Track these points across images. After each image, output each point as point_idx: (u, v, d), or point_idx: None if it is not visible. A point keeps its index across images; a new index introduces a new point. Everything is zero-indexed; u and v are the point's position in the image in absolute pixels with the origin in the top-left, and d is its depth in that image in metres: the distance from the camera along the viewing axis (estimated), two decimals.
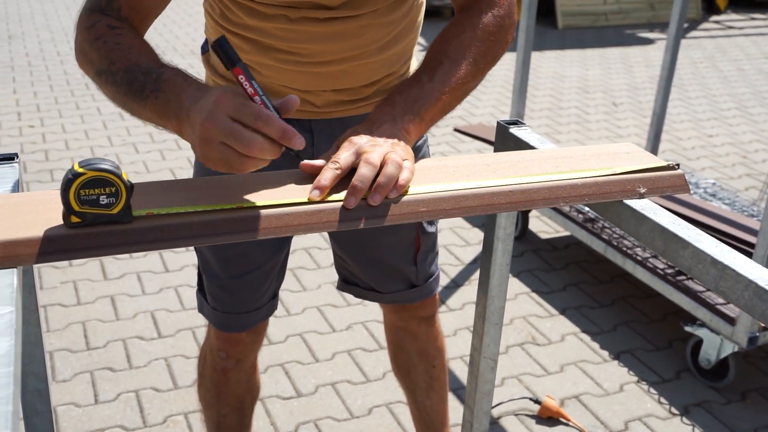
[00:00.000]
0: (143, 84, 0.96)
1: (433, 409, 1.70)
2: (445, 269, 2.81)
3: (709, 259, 0.82)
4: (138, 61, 0.98)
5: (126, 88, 0.97)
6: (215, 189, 0.97)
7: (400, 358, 1.67)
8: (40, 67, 5.01)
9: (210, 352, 1.52)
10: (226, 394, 1.55)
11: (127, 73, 0.97)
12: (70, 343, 2.29)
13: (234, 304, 1.40)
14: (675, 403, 2.17)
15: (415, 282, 1.50)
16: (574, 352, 2.38)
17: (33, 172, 3.45)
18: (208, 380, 1.56)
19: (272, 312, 1.48)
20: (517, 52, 2.82)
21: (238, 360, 1.50)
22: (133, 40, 1.02)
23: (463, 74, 1.07)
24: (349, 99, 1.28)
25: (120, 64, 0.98)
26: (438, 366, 1.66)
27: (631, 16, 7.17)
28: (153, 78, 0.95)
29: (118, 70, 0.98)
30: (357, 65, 1.24)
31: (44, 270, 2.65)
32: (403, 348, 1.65)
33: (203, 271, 1.42)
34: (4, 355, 0.67)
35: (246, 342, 1.48)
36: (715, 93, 5.19)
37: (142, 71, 0.97)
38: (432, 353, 1.65)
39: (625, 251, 2.53)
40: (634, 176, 0.99)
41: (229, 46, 0.90)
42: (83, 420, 2.00)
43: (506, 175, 1.01)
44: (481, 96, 4.89)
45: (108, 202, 0.85)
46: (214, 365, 1.52)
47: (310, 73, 1.22)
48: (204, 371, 1.56)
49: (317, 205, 0.93)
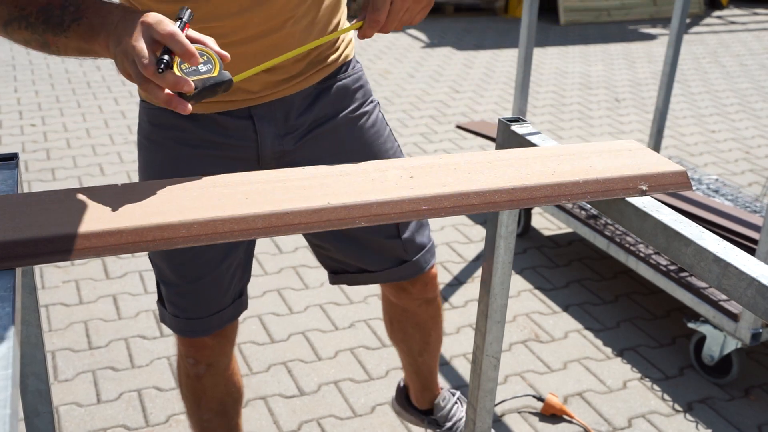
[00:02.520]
0: (61, 17, 1.02)
1: (424, 364, 1.76)
2: (448, 266, 2.81)
3: (711, 257, 0.81)
4: (49, 1, 1.03)
5: (44, 27, 1.03)
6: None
7: (395, 329, 1.69)
8: (42, 65, 5.01)
9: (182, 359, 1.50)
10: (204, 399, 1.53)
11: (42, 13, 1.03)
12: (72, 343, 2.30)
13: (195, 308, 1.37)
14: (678, 400, 2.16)
15: (404, 257, 1.46)
16: (577, 349, 2.37)
17: (34, 170, 3.45)
18: (185, 388, 1.54)
19: (239, 312, 1.45)
20: (520, 48, 2.81)
21: (208, 364, 1.47)
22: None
23: None
24: (283, 78, 1.26)
25: (31, 8, 1.03)
26: (433, 335, 1.69)
27: (634, 11, 7.15)
28: (71, 10, 1.02)
29: (31, 13, 1.03)
30: (281, 37, 1.21)
31: (46, 269, 2.65)
32: (399, 322, 1.67)
33: (160, 280, 1.40)
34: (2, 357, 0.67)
35: (211, 346, 1.44)
36: (718, 88, 5.18)
37: (57, 6, 1.02)
38: (429, 326, 1.66)
39: (628, 248, 2.52)
40: (636, 173, 0.98)
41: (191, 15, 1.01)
42: (86, 419, 2.00)
43: (508, 172, 1.00)
44: (483, 92, 4.88)
45: (207, 69, 0.97)
46: (187, 372, 1.49)
47: (235, 54, 1.16)
48: (180, 379, 1.54)
49: (317, 204, 0.93)
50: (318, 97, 1.32)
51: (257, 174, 1.02)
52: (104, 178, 3.40)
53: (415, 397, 1.85)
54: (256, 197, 0.95)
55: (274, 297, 2.56)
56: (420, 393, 1.83)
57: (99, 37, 1.00)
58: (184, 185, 0.97)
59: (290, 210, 0.94)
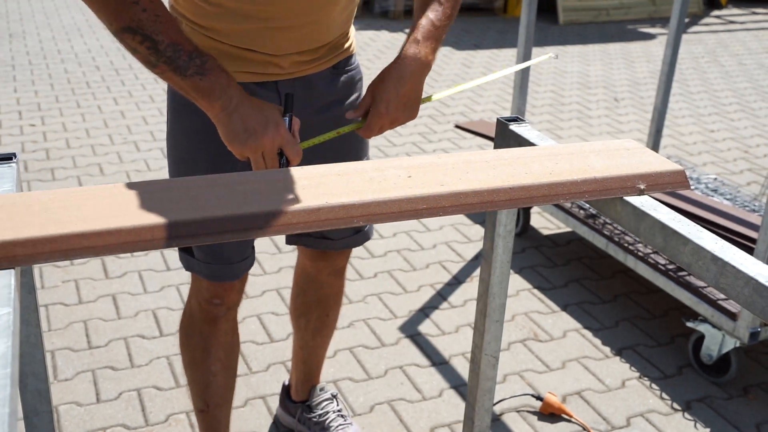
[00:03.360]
0: (186, 65, 1.16)
1: (314, 350, 1.88)
2: (447, 266, 2.81)
3: (709, 256, 0.81)
4: (179, 41, 1.16)
5: (165, 59, 1.16)
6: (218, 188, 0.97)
7: (299, 302, 1.83)
8: (41, 65, 5.01)
9: (199, 305, 1.58)
10: (215, 347, 1.62)
11: (171, 49, 1.16)
12: (71, 342, 2.30)
13: (227, 256, 1.50)
14: (677, 399, 2.17)
15: (359, 227, 1.62)
16: (576, 348, 2.38)
17: (34, 170, 3.45)
18: (196, 336, 1.62)
19: (254, 261, 1.59)
20: (518, 47, 2.82)
21: (229, 307, 1.58)
22: (167, 13, 1.17)
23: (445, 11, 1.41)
24: (309, 59, 1.42)
25: (164, 38, 1.15)
26: (331, 316, 1.84)
27: (633, 11, 7.15)
28: (197, 63, 1.17)
29: (162, 41, 1.15)
30: (319, 26, 1.38)
31: (45, 269, 2.65)
32: (306, 293, 1.80)
33: None
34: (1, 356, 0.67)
35: (238, 288, 1.57)
36: (717, 88, 5.18)
37: (186, 52, 1.16)
38: (329, 303, 1.81)
39: (627, 247, 2.52)
40: (634, 173, 0.98)
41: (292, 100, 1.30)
42: (85, 419, 2.00)
43: (506, 172, 1.01)
44: (482, 92, 4.88)
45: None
46: (204, 316, 1.58)
47: (278, 36, 1.34)
48: (191, 329, 1.62)
49: (316, 204, 0.94)
50: (332, 82, 1.49)
51: (255, 174, 1.03)
52: (104, 178, 3.40)
53: (295, 389, 1.96)
54: (254, 197, 0.96)
55: (273, 296, 2.57)
56: (301, 384, 1.94)
57: (213, 101, 1.19)
58: (183, 184, 0.97)
59: (289, 209, 0.94)
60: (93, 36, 5.80)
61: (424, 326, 2.45)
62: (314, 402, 1.93)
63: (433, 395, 2.14)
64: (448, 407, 2.10)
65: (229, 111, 1.19)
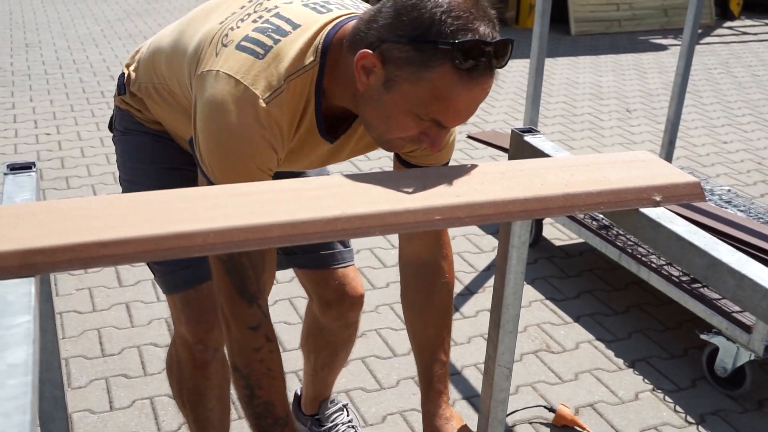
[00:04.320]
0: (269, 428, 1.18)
1: (323, 377, 1.88)
2: (459, 276, 2.81)
3: (726, 268, 0.81)
4: (275, 402, 1.19)
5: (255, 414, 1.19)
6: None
7: (309, 341, 1.82)
8: (57, 75, 5.06)
9: (185, 351, 1.53)
10: (209, 388, 1.58)
11: (264, 407, 1.18)
12: (85, 350, 2.31)
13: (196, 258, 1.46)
14: (691, 412, 2.15)
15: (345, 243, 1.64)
16: (588, 360, 2.37)
17: (49, 179, 3.48)
18: (188, 382, 1.58)
19: None
20: (531, 58, 2.82)
21: (215, 349, 1.53)
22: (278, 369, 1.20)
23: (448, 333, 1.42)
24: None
25: (263, 393, 1.18)
26: (341, 355, 1.82)
27: (645, 22, 7.15)
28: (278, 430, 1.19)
29: (260, 396, 1.18)
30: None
31: (60, 277, 2.67)
32: (315, 337, 1.79)
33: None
34: (22, 364, 0.68)
35: (217, 327, 1.49)
36: (730, 99, 5.16)
37: (274, 417, 1.19)
38: (339, 346, 1.79)
39: (640, 258, 2.51)
40: (649, 184, 0.99)
41: None
42: (98, 427, 2.01)
43: (522, 183, 1.01)
44: (494, 103, 4.89)
45: None
46: (193, 363, 1.53)
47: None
48: (181, 376, 1.58)
49: (332, 214, 0.94)
50: None
51: (271, 183, 1.03)
52: (117, 187, 3.42)
53: (305, 404, 1.97)
54: (270, 206, 0.96)
55: (285, 306, 2.57)
56: (310, 400, 1.95)
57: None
58: (200, 194, 0.98)
59: (305, 219, 0.94)
60: (108, 46, 5.85)
61: None
62: (324, 415, 1.93)
63: None
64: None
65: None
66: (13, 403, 0.63)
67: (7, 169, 1.08)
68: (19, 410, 0.62)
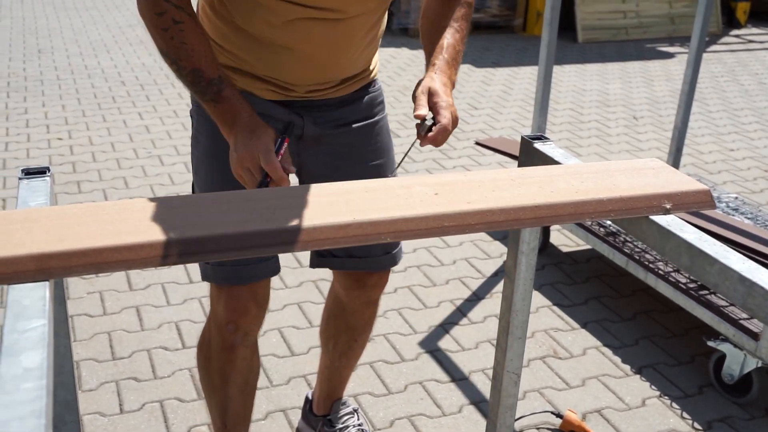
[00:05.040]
0: (204, 90, 1.27)
1: (339, 370, 1.89)
2: (467, 282, 2.82)
3: (736, 276, 0.82)
4: (201, 67, 1.26)
5: (189, 84, 1.28)
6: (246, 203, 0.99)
7: (329, 326, 1.83)
8: (69, 80, 5.10)
9: (217, 331, 1.56)
10: (233, 373, 1.60)
11: (192, 75, 1.27)
12: (96, 353, 2.33)
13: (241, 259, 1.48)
14: (698, 419, 2.16)
15: (388, 249, 1.64)
16: (595, 366, 2.37)
17: (60, 183, 3.51)
18: (214, 362, 1.60)
19: (277, 270, 1.56)
20: (539, 66, 2.84)
21: (246, 333, 1.55)
22: (194, 40, 1.27)
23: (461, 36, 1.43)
24: (327, 87, 1.49)
25: (186, 63, 1.26)
26: (359, 341, 1.83)
27: (652, 30, 7.15)
28: (214, 90, 1.27)
29: (184, 67, 1.27)
30: (345, 60, 1.45)
31: (71, 280, 2.69)
32: (336, 318, 1.80)
33: None
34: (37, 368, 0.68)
35: (253, 312, 1.54)
36: (736, 107, 5.16)
37: (206, 80, 1.26)
38: (359, 330, 1.81)
39: (647, 265, 2.52)
40: (660, 192, 1.00)
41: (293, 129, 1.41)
42: (109, 429, 2.02)
43: (532, 190, 1.02)
44: (501, 110, 4.90)
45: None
46: (222, 344, 1.56)
47: (297, 68, 1.41)
48: (209, 354, 1.61)
49: (344, 220, 0.95)
50: (352, 102, 1.55)
51: (283, 190, 1.05)
52: (128, 192, 3.45)
53: (317, 404, 1.97)
54: (282, 213, 0.97)
55: (294, 310, 2.59)
56: (323, 399, 1.95)
57: (225, 127, 1.28)
58: (212, 200, 0.99)
59: (318, 225, 0.96)
60: (119, 52, 5.89)
61: (444, 342, 2.46)
62: (335, 416, 1.94)
63: (453, 411, 2.15)
64: (467, 423, 2.10)
65: (234, 134, 1.27)
66: (28, 407, 0.63)
67: (22, 174, 1.09)
68: (34, 414, 0.63)
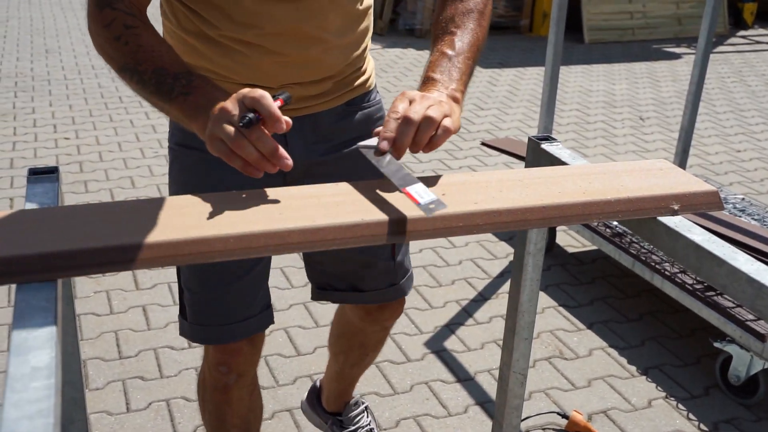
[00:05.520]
0: (172, 86, 1.07)
1: (349, 376, 1.85)
2: (473, 282, 2.82)
3: (745, 278, 0.82)
4: (164, 65, 1.09)
5: (154, 88, 1.08)
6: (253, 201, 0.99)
7: (340, 342, 1.77)
8: (76, 80, 5.11)
9: (210, 371, 1.47)
10: (230, 414, 1.50)
11: (156, 75, 1.08)
12: (102, 352, 2.34)
13: (223, 316, 1.37)
14: (704, 420, 2.15)
15: (394, 280, 1.54)
16: (601, 366, 2.37)
17: (67, 183, 3.52)
18: (209, 403, 1.52)
19: (267, 323, 1.44)
20: (546, 66, 2.83)
21: (239, 374, 1.46)
22: (152, 41, 1.12)
23: (475, 38, 1.20)
24: (315, 94, 1.33)
25: (147, 66, 1.09)
26: (370, 355, 1.78)
27: (658, 30, 7.14)
28: (183, 83, 1.07)
29: (146, 70, 1.08)
30: (319, 52, 1.28)
31: (78, 279, 2.70)
32: (347, 338, 1.74)
33: (185, 286, 1.40)
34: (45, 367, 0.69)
35: (246, 353, 1.44)
36: (743, 108, 5.15)
37: (171, 75, 1.08)
38: (371, 346, 1.75)
39: (654, 266, 2.51)
40: (667, 193, 1.00)
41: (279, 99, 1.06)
42: (115, 428, 2.03)
43: (539, 191, 1.02)
44: (507, 110, 4.90)
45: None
46: (215, 384, 1.47)
47: (275, 63, 1.26)
48: (205, 395, 1.53)
49: (351, 220, 0.95)
50: (344, 118, 1.39)
51: (289, 189, 1.05)
52: (135, 191, 3.46)
53: (327, 400, 1.94)
54: (289, 212, 0.97)
55: (300, 310, 2.59)
56: (333, 397, 1.91)
57: (200, 117, 1.03)
58: (219, 200, 0.99)
59: (324, 225, 0.96)
60: None
61: (450, 342, 2.46)
62: (348, 417, 1.92)
63: (458, 411, 2.15)
64: (473, 423, 2.10)
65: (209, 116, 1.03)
66: (36, 406, 0.64)
67: (29, 174, 1.09)
68: (42, 413, 0.63)
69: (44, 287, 0.82)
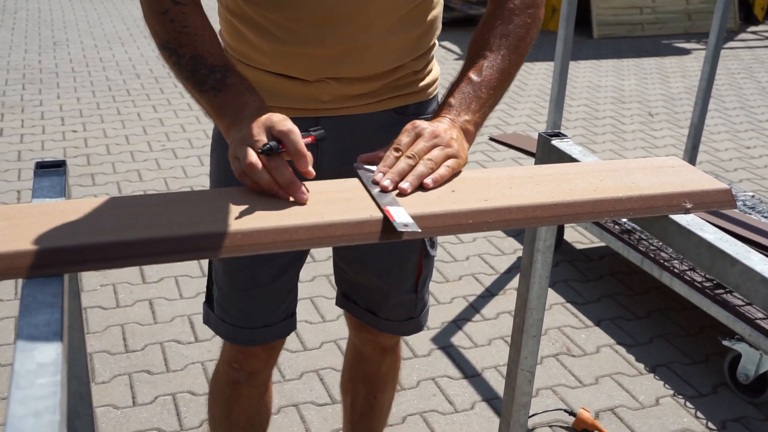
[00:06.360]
0: (205, 78, 1.05)
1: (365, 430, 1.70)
2: (480, 278, 2.81)
3: (758, 277, 0.81)
4: (203, 53, 1.07)
5: (189, 74, 1.07)
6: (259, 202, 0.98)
7: (346, 377, 1.68)
8: (84, 73, 5.12)
9: (223, 365, 1.46)
10: (236, 411, 1.48)
11: (193, 62, 1.06)
12: (109, 346, 2.34)
13: (244, 318, 1.35)
14: (712, 418, 2.14)
15: (413, 314, 1.46)
16: (609, 364, 2.36)
17: (75, 176, 3.53)
18: (219, 394, 1.50)
19: (289, 331, 1.42)
20: (555, 62, 2.81)
21: (250, 373, 1.44)
22: (197, 23, 1.09)
23: (507, 65, 1.12)
24: (356, 94, 1.21)
25: (187, 50, 1.07)
26: (379, 398, 1.64)
27: (668, 26, 7.09)
28: (217, 77, 1.05)
29: (185, 54, 1.07)
30: (359, 48, 1.17)
31: (85, 273, 2.71)
32: (352, 368, 1.65)
33: (215, 279, 1.38)
34: (51, 363, 0.68)
35: (260, 356, 1.42)
36: (753, 104, 5.11)
37: (208, 67, 1.06)
38: (377, 383, 1.62)
39: (662, 263, 2.50)
40: (680, 191, 0.98)
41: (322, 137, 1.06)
42: (121, 422, 2.03)
43: (550, 188, 1.01)
44: (516, 105, 4.88)
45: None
46: (227, 378, 1.46)
47: (310, 55, 1.17)
48: (215, 385, 1.51)
49: (360, 217, 0.94)
50: (391, 127, 1.21)
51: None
52: (142, 184, 3.46)
53: None
54: (299, 209, 0.96)
55: (307, 305, 2.59)
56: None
57: (226, 118, 1.03)
58: (227, 196, 0.98)
59: (333, 222, 0.95)
60: (134, 45, 5.90)
61: (457, 338, 2.45)
62: None
63: (465, 408, 2.14)
64: (480, 420, 2.10)
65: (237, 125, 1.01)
66: (42, 403, 0.63)
67: (37, 168, 1.08)
68: (48, 410, 0.62)
69: (51, 282, 0.82)
